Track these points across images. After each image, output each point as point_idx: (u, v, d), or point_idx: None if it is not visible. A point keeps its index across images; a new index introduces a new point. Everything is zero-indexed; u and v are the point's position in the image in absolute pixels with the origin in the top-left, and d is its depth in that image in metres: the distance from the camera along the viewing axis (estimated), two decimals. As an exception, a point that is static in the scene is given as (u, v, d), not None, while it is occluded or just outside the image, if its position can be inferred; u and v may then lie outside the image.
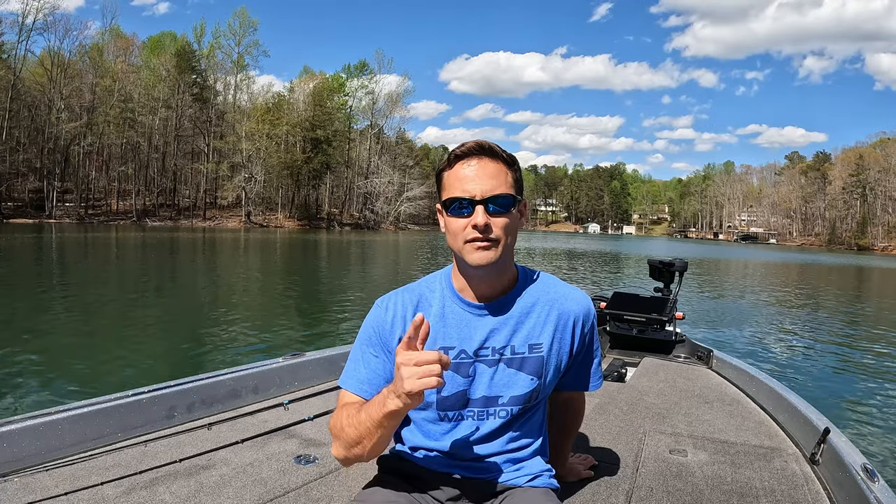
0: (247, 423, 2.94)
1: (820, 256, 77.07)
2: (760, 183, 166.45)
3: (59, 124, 69.48)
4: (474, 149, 1.67)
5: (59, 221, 63.12)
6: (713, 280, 30.59)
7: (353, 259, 34.88)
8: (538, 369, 1.76)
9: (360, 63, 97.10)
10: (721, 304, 19.40)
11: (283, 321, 12.87)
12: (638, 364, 4.79)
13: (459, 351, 1.74)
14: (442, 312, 1.77)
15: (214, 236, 52.79)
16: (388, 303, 1.81)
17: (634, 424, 3.18)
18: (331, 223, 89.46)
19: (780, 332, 14.12)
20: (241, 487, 2.27)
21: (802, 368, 10.11)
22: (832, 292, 27.28)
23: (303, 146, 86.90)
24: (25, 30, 68.71)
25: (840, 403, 8.03)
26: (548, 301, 1.80)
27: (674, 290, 5.96)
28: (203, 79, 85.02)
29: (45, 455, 2.37)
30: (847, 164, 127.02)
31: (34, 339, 9.68)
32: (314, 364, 3.60)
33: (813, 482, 2.50)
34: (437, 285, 1.82)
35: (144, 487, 2.23)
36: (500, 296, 1.77)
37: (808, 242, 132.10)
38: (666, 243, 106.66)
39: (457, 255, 1.72)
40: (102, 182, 77.29)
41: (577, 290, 1.86)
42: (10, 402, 6.59)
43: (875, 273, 47.93)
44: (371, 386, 1.74)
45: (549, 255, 47.43)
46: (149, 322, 12.05)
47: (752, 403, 3.65)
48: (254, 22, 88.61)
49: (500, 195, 1.64)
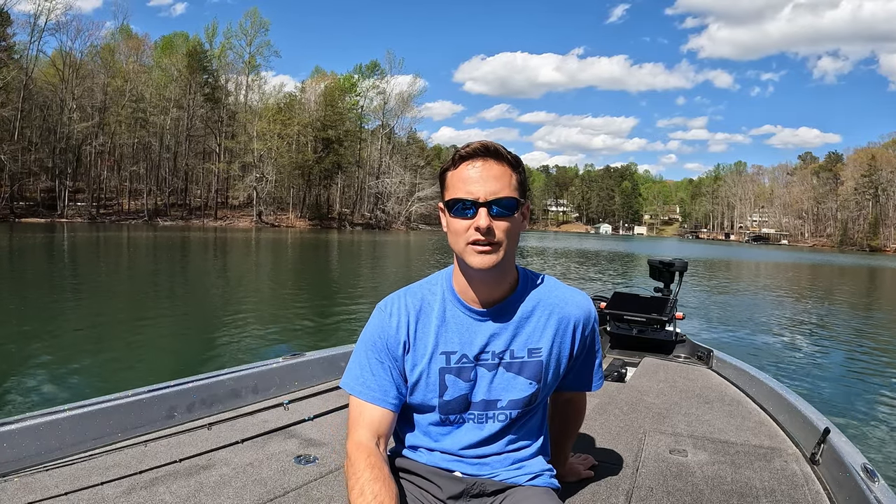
0: (247, 423, 2.94)
1: (830, 257, 76.92)
2: (772, 183, 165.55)
3: (71, 124, 69.80)
4: (479, 150, 1.66)
5: (71, 221, 63.38)
6: (721, 280, 30.58)
7: (364, 259, 34.90)
8: (537, 374, 1.77)
9: (371, 63, 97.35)
10: (727, 303, 19.39)
11: (293, 320, 12.86)
12: (638, 364, 4.79)
13: (461, 355, 1.75)
14: (443, 316, 1.78)
15: (226, 236, 52.94)
16: (392, 307, 1.80)
17: (634, 424, 3.19)
18: (342, 223, 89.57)
19: (780, 333, 14.12)
20: (241, 487, 2.28)
21: (802, 368, 10.10)
22: (838, 293, 27.27)
23: (314, 146, 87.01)
24: (37, 30, 69.11)
25: (840, 403, 8.03)
26: (548, 305, 1.80)
27: (674, 290, 5.97)
28: (214, 79, 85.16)
29: (45, 455, 2.38)
30: (859, 164, 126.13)
31: (46, 337, 9.67)
32: (314, 364, 3.62)
33: (813, 482, 2.51)
34: (437, 287, 1.83)
35: (144, 487, 2.23)
36: (502, 299, 1.77)
37: (820, 243, 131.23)
38: (677, 244, 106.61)
39: (458, 257, 1.72)
40: (114, 182, 77.47)
41: (577, 292, 1.87)
42: (22, 399, 6.59)
43: (887, 274, 47.81)
44: (380, 393, 1.74)
45: (561, 256, 47.42)
46: (160, 320, 12.08)
47: (752, 403, 3.66)
48: (265, 23, 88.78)
49: (504, 198, 1.64)
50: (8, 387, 7.08)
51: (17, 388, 7.04)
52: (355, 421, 1.74)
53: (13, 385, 7.17)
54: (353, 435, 1.71)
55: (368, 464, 1.60)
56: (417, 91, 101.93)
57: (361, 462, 1.61)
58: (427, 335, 1.77)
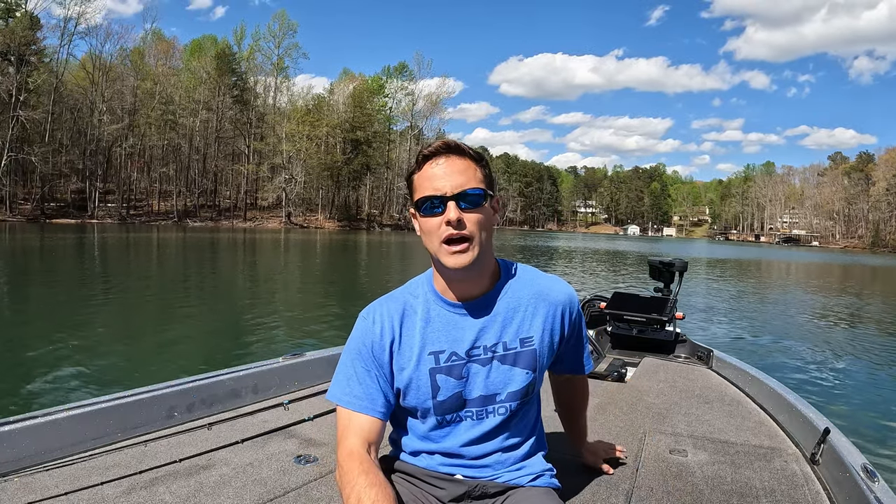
0: (247, 423, 2.92)
1: (861, 258, 76.50)
2: (802, 184, 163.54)
3: (101, 126, 70.75)
4: (441, 148, 1.69)
5: (101, 222, 64.09)
6: (745, 282, 30.36)
7: (393, 259, 34.98)
8: (532, 362, 1.78)
9: (399, 65, 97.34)
10: (749, 305, 19.34)
11: (320, 319, 12.76)
12: (638, 364, 4.78)
13: (450, 353, 1.74)
14: (427, 316, 1.77)
15: (255, 237, 53.06)
16: (375, 315, 1.80)
17: (634, 424, 3.18)
18: (371, 224, 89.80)
19: (781, 332, 13.93)
20: (241, 487, 2.25)
21: (802, 368, 9.99)
22: (859, 294, 26.49)
23: (343, 147, 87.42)
24: (67, 34, 69.91)
25: (840, 403, 7.98)
26: (533, 294, 1.80)
27: (674, 289, 5.97)
28: (243, 81, 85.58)
29: (45, 455, 2.36)
30: (891, 164, 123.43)
31: (77, 334, 9.76)
32: (314, 364, 3.59)
33: (813, 482, 2.48)
34: (419, 290, 1.82)
35: (144, 487, 2.21)
36: (484, 293, 1.77)
37: (851, 245, 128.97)
38: (706, 245, 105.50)
39: (434, 258, 1.72)
40: (144, 183, 78.20)
41: (558, 279, 1.88)
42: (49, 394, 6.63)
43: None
44: (368, 401, 1.73)
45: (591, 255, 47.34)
46: (187, 319, 12.17)
47: (752, 403, 3.64)
48: (293, 25, 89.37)
49: (470, 190, 1.65)
50: (34, 381, 7.11)
51: (44, 383, 7.04)
52: (344, 430, 1.72)
53: (40, 379, 7.18)
54: (344, 443, 1.69)
55: (362, 470, 1.59)
56: (446, 92, 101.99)
57: (354, 469, 1.60)
58: (413, 337, 1.75)
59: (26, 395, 6.56)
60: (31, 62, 62.92)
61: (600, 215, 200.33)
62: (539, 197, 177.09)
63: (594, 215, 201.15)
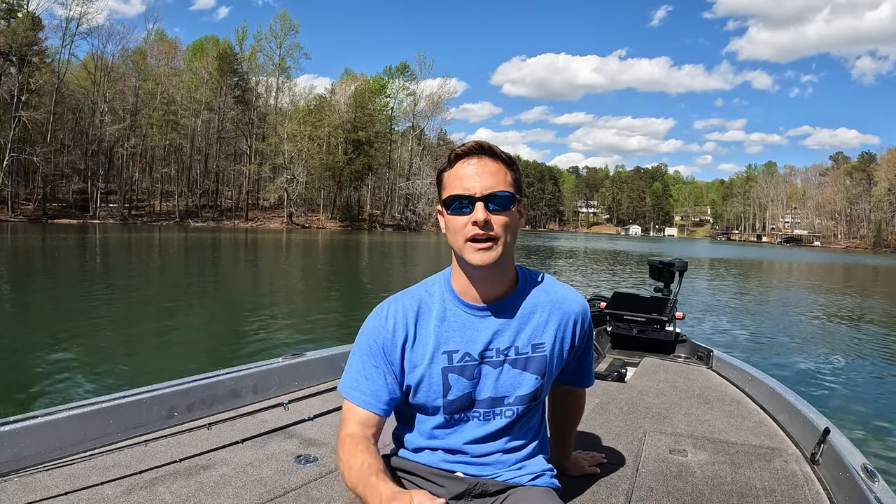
0: (247, 423, 2.93)
1: (863, 258, 76.43)
2: (804, 184, 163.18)
3: (103, 126, 70.66)
4: (474, 148, 1.72)
5: (103, 222, 64.08)
6: (745, 281, 30.52)
7: (394, 259, 35.00)
8: (542, 368, 1.79)
9: (400, 65, 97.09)
10: (750, 305, 19.40)
11: (320, 320, 12.83)
12: (638, 364, 4.80)
13: (464, 354, 1.76)
14: (443, 315, 1.79)
15: (256, 237, 53.00)
16: (388, 311, 1.81)
17: (634, 424, 3.18)
18: (372, 224, 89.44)
19: (781, 332, 14.00)
20: (241, 487, 2.26)
21: (802, 368, 10.04)
22: (859, 294, 26.51)
23: (344, 148, 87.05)
24: (69, 34, 69.90)
25: (840, 403, 8.02)
26: (548, 302, 1.82)
27: (674, 289, 6.01)
28: (245, 81, 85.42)
29: (45, 455, 2.36)
30: (893, 164, 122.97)
31: (77, 334, 9.76)
32: (314, 364, 3.60)
33: (813, 482, 2.49)
34: (436, 288, 1.84)
35: (144, 487, 2.22)
36: (503, 296, 1.79)
37: (853, 245, 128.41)
38: (708, 245, 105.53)
39: (457, 255, 1.75)
40: (145, 183, 78.05)
41: (573, 290, 1.91)
42: (53, 393, 6.62)
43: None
44: (372, 398, 1.76)
45: (592, 255, 47.35)
46: (189, 319, 12.31)
47: (752, 403, 3.65)
48: (295, 25, 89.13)
49: (500, 192, 1.67)
50: (35, 381, 7.13)
51: (44, 383, 7.05)
52: (347, 417, 1.78)
53: (40, 379, 7.22)
54: (345, 427, 1.75)
55: (354, 443, 1.68)
56: (448, 92, 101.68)
57: (348, 446, 1.68)
58: (427, 336, 1.77)
59: (26, 395, 6.53)
60: (33, 63, 62.84)
61: (602, 215, 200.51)
62: (541, 197, 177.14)
63: (596, 215, 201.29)
